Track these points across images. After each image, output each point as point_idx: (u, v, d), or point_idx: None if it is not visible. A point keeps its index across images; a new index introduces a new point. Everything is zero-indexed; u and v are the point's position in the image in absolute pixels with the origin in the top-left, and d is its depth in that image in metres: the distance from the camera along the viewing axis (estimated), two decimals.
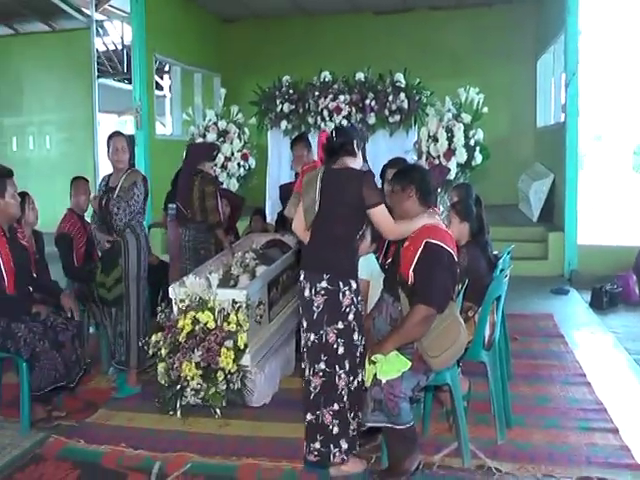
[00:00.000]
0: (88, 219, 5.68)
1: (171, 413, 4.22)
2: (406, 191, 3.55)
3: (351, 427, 3.53)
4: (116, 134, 5.05)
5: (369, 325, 3.71)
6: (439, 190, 6.64)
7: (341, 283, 3.48)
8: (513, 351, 5.23)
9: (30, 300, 4.46)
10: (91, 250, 5.63)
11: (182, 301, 4.40)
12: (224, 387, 4.16)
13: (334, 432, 3.49)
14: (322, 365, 3.50)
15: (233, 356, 4.15)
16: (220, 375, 4.14)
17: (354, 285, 3.53)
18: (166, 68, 14.90)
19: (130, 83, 17.04)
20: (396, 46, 12.03)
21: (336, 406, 3.49)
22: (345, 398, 3.49)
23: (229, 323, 4.24)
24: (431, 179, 3.67)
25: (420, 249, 3.38)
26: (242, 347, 4.22)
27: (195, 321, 4.22)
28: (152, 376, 4.40)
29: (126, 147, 4.95)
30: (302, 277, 3.60)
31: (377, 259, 4.42)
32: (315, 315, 3.50)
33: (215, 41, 12.97)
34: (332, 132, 3.79)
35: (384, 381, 3.33)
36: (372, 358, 3.39)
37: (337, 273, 3.49)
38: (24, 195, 5.09)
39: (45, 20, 14.07)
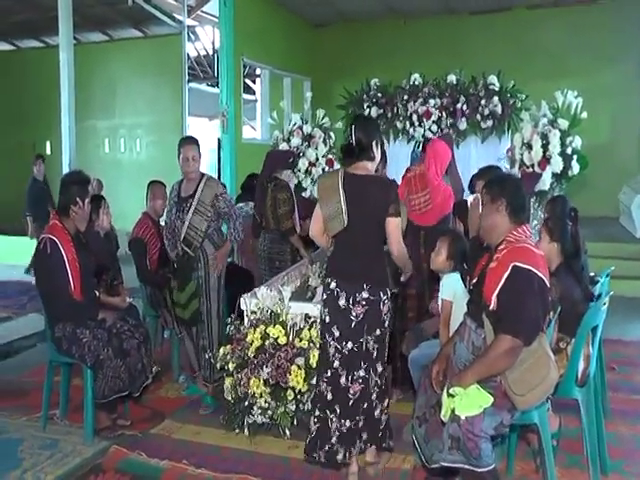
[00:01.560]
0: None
1: (237, 431, 4.02)
2: (495, 203, 3.20)
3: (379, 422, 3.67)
4: (187, 141, 4.88)
5: (449, 351, 3.40)
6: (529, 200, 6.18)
7: (381, 293, 3.50)
8: (610, 383, 4.74)
9: (96, 306, 4.36)
10: (165, 256, 5.52)
11: (253, 313, 4.21)
12: (293, 407, 3.93)
13: (363, 437, 3.64)
14: (361, 372, 3.52)
15: (304, 375, 3.91)
16: (290, 394, 3.92)
17: (389, 293, 3.57)
18: (257, 72, 14.95)
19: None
20: (490, 47, 11.56)
21: (386, 402, 3.70)
22: (375, 399, 3.61)
23: (301, 339, 4.01)
24: (525, 194, 3.31)
25: (507, 273, 3.02)
26: (314, 365, 3.97)
27: (265, 336, 4.00)
28: (220, 391, 4.22)
29: (197, 156, 4.75)
30: (334, 285, 3.54)
31: (463, 279, 4.07)
32: (353, 324, 3.48)
33: (305, 45, 12.87)
34: (352, 129, 3.59)
35: (463, 418, 3.00)
36: (450, 391, 3.06)
37: (377, 283, 3.50)
38: (100, 199, 5.04)
39: (138, 26, 14.34)
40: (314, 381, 3.97)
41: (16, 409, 4.70)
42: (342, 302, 3.49)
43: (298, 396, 3.94)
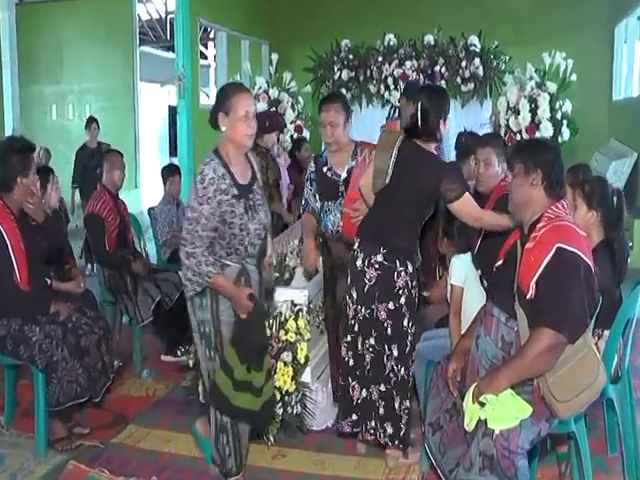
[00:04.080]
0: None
1: None
2: (530, 176, 2.64)
3: (397, 414, 3.23)
4: (241, 88, 3.12)
5: (466, 346, 2.89)
6: None
7: (397, 262, 3.20)
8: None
9: (48, 297, 3.66)
10: (125, 233, 4.85)
11: None
12: (280, 411, 3.35)
13: (380, 412, 3.25)
14: (372, 341, 3.24)
15: (292, 373, 3.35)
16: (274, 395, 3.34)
17: (410, 268, 3.23)
18: (211, 35, 14.13)
19: (174, 51, 16.51)
20: (468, 8, 10.52)
21: (382, 387, 3.25)
22: (392, 382, 3.24)
23: (287, 332, 3.43)
24: (563, 163, 2.75)
25: (549, 255, 2.48)
26: (302, 361, 3.43)
27: None
28: (192, 392, 3.61)
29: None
30: (356, 245, 3.30)
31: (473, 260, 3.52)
32: (366, 288, 3.22)
33: (263, 7, 12.02)
34: (420, 107, 3.22)
35: (497, 432, 2.48)
36: (481, 399, 2.53)
37: (394, 250, 3.21)
38: (48, 172, 4.32)
39: None
40: (303, 378, 3.49)
41: None
42: (359, 262, 3.25)
43: (285, 397, 3.37)
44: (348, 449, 3.49)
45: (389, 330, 3.21)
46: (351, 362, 3.29)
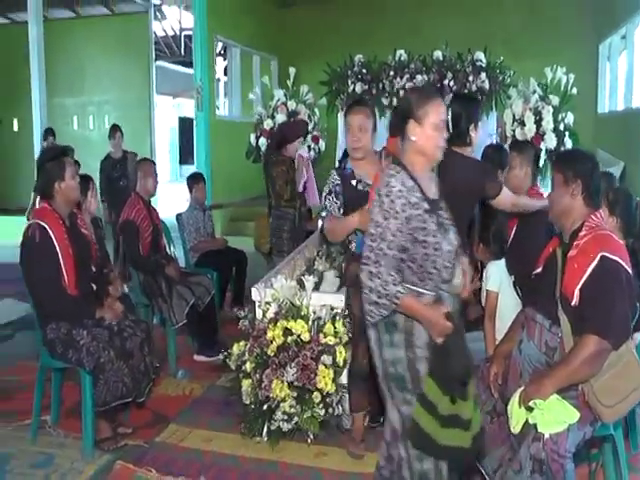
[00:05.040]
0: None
1: (258, 439, 3.30)
2: (570, 186, 2.54)
3: None
4: (434, 94, 2.68)
5: (507, 350, 2.77)
6: None
7: None
8: None
9: (94, 302, 3.53)
10: (157, 239, 4.73)
11: (267, 304, 3.47)
12: (322, 412, 3.23)
13: None
14: None
15: (332, 375, 3.22)
16: (316, 397, 3.22)
17: None
18: (218, 50, 14.05)
19: (186, 66, 16.38)
20: (474, 24, 10.61)
21: None
22: None
23: (326, 335, 3.29)
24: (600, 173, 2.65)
25: (594, 264, 2.39)
26: (341, 364, 3.29)
27: (287, 332, 3.27)
28: (233, 392, 3.47)
29: None
30: None
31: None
32: None
33: (273, 25, 11.92)
34: (452, 113, 3.07)
35: (547, 436, 2.37)
36: (530, 404, 2.41)
37: None
38: (87, 179, 4.19)
39: (105, 3, 13.32)
40: (342, 380, 3.32)
41: (0, 415, 3.86)
42: None
43: (326, 399, 3.24)
44: None
45: None
46: None
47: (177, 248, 5.34)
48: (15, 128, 12.79)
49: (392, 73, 7.78)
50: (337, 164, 3.53)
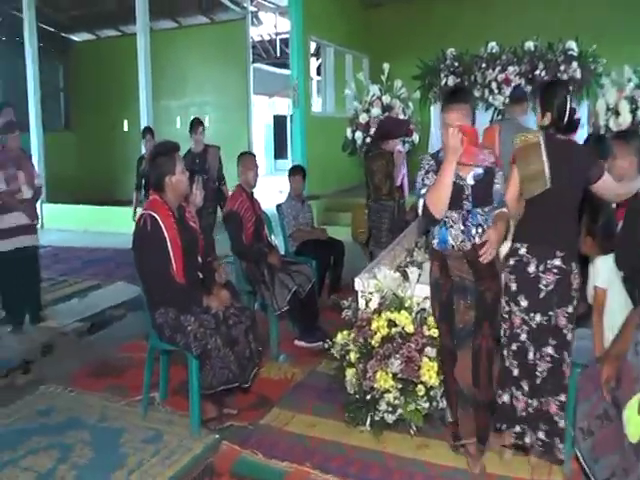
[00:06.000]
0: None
1: (361, 429, 3.09)
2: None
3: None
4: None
5: (621, 350, 2.45)
6: None
7: (573, 264, 2.72)
8: None
9: (200, 290, 3.42)
10: (260, 229, 4.59)
11: (370, 294, 3.24)
12: (426, 405, 2.98)
13: (560, 425, 2.70)
14: (549, 350, 2.70)
15: (436, 367, 2.95)
16: (420, 390, 2.97)
17: (577, 268, 2.76)
18: (311, 51, 13.97)
19: (281, 67, 16.39)
20: (564, 14, 9.82)
21: (563, 397, 2.71)
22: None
23: (430, 327, 3.03)
24: None
25: None
26: None
27: (391, 323, 3.04)
28: (337, 380, 3.27)
29: None
30: (524, 251, 2.75)
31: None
32: (542, 294, 2.70)
33: (363, 24, 11.66)
34: (568, 99, 2.78)
35: None
36: None
37: (571, 253, 2.73)
38: (192, 173, 4.10)
39: (205, 13, 13.54)
40: None
41: (113, 390, 3.88)
42: (532, 269, 2.72)
43: (430, 392, 2.99)
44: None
45: (569, 335, 2.71)
46: (515, 372, 2.77)
47: (277, 237, 5.22)
48: (125, 128, 13.15)
49: (484, 65, 7.35)
50: None
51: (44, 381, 4.06)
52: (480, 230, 2.74)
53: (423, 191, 2.75)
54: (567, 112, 2.77)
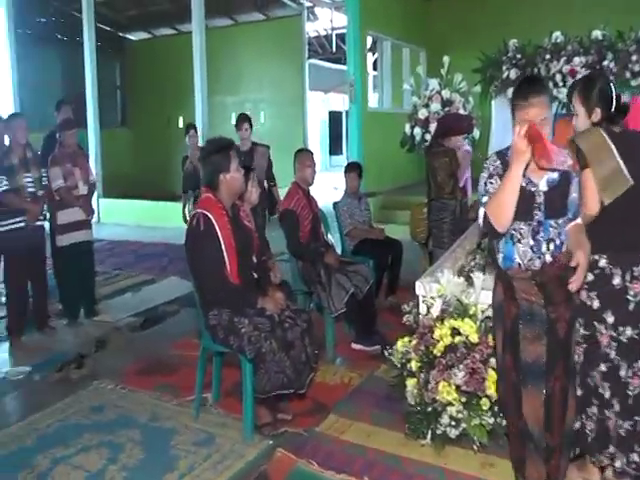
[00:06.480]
0: None
1: (422, 443, 2.92)
2: None
3: None
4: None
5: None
6: None
7: None
8: None
9: (255, 291, 3.31)
10: (316, 227, 4.47)
11: (432, 299, 3.07)
12: (491, 420, 2.79)
13: None
14: None
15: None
16: (485, 403, 2.78)
17: None
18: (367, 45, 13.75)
19: (337, 63, 16.25)
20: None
21: None
22: None
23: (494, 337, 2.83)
24: None
25: None
26: None
27: (454, 331, 2.86)
28: (397, 390, 3.11)
29: None
30: (604, 262, 2.49)
31: None
32: (632, 306, 2.46)
33: (421, 17, 11.39)
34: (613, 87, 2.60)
35: None
36: None
37: None
38: (248, 170, 3.99)
39: (261, 10, 13.59)
40: None
41: (164, 389, 3.84)
42: (616, 281, 2.47)
43: (495, 406, 2.79)
44: None
45: None
46: (607, 394, 2.53)
47: (334, 235, 5.10)
48: (180, 125, 13.29)
49: (548, 56, 6.99)
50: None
51: (97, 376, 4.08)
52: (552, 246, 2.31)
53: (485, 199, 2.36)
54: (614, 100, 2.55)
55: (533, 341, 2.33)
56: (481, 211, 2.37)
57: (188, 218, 6.04)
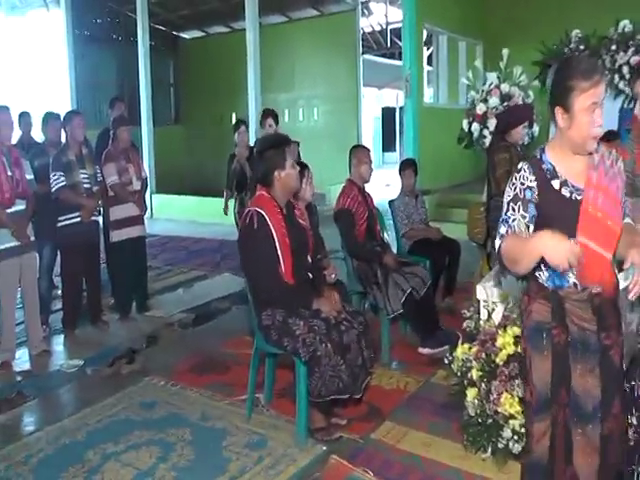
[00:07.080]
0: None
1: (482, 456, 2.77)
2: None
3: None
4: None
5: None
6: None
7: None
8: None
9: (310, 291, 3.21)
10: (372, 226, 4.35)
11: (494, 304, 2.91)
12: None
13: None
14: None
15: None
16: None
17: None
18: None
19: (392, 58, 16.04)
20: None
21: None
22: None
23: None
24: None
25: None
26: None
27: (518, 340, 2.69)
28: (457, 399, 2.96)
29: None
30: None
31: None
32: None
33: (478, 8, 11.07)
34: None
35: None
36: None
37: None
38: (303, 167, 3.90)
39: (315, 6, 13.50)
40: None
41: (217, 387, 3.80)
42: None
43: None
44: None
45: None
46: None
47: (390, 234, 4.97)
48: (233, 122, 13.38)
49: (614, 47, 6.63)
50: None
51: (148, 372, 4.08)
52: None
53: (502, 230, 1.96)
54: None
55: (584, 374, 1.99)
56: (497, 242, 1.97)
57: (233, 217, 6.02)
